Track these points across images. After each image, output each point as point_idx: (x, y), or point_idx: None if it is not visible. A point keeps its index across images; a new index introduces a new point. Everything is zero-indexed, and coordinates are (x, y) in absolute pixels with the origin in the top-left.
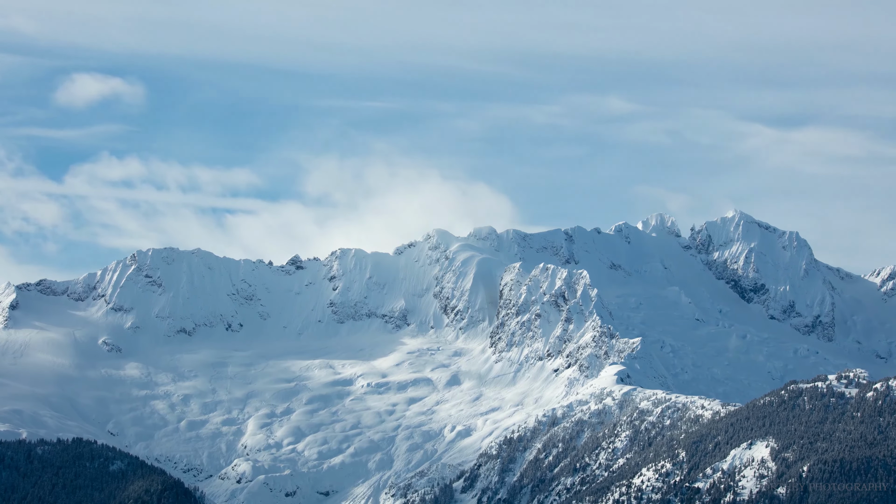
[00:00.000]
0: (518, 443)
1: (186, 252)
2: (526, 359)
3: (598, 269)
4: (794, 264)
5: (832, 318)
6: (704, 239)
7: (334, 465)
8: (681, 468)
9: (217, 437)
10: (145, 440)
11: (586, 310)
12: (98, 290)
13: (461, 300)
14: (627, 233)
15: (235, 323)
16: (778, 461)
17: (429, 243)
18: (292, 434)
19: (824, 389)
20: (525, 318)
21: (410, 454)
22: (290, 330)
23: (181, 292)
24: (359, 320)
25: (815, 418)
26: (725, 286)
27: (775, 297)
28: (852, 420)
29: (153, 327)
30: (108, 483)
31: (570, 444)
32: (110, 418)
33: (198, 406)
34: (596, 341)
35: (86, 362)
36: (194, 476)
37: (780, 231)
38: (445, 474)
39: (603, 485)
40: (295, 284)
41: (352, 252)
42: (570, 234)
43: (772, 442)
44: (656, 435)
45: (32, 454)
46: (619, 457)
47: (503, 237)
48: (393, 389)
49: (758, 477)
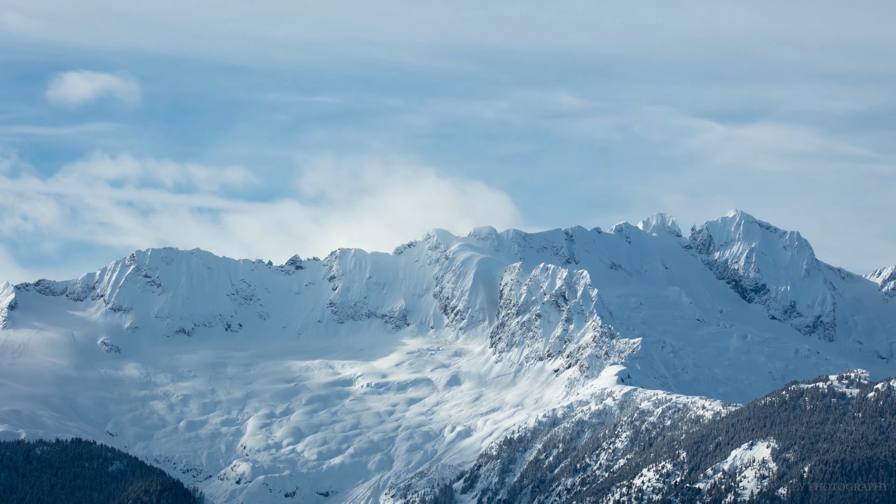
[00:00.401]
0: (518, 443)
1: (185, 252)
2: (526, 359)
3: (598, 269)
4: (794, 264)
5: (833, 318)
6: (705, 239)
7: (334, 466)
8: (681, 469)
9: (216, 437)
10: (144, 440)
11: (587, 310)
12: (97, 290)
13: (461, 300)
14: (628, 233)
15: (235, 323)
16: (779, 462)
17: (429, 243)
18: (292, 434)
19: (825, 390)
20: (525, 319)
21: (410, 455)
22: (290, 330)
23: (180, 292)
24: (358, 320)
25: (816, 419)
26: (726, 286)
27: (776, 298)
28: (853, 420)
29: (152, 327)
30: (107, 484)
31: (570, 445)
32: (109, 419)
33: (197, 406)
34: (596, 341)
35: (85, 363)
36: (193, 476)
37: (781, 231)
38: (445, 475)
39: (603, 485)
40: (294, 284)
41: (351, 252)
42: (571, 233)
43: (773, 442)
44: (657, 435)
45: (31, 455)
46: (620, 457)
47: (503, 237)
48: (393, 390)
49: (759, 477)
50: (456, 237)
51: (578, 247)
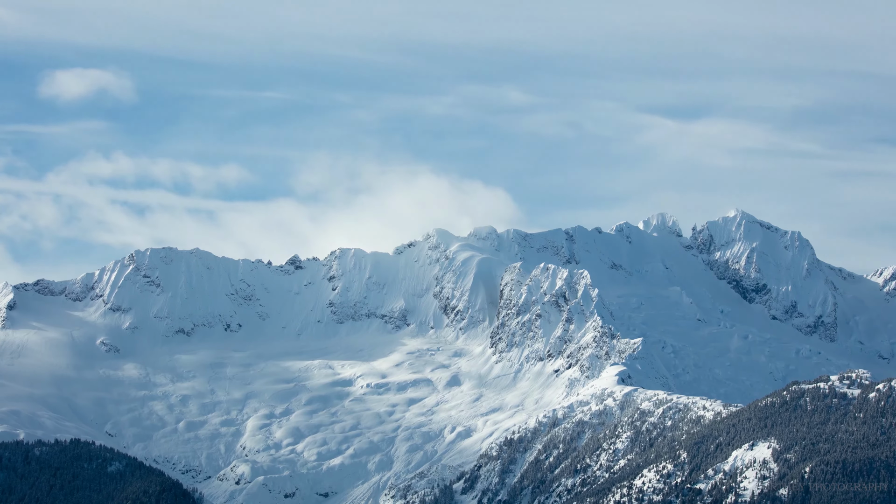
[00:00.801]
0: (518, 444)
1: (185, 252)
2: (526, 359)
3: (598, 268)
4: (795, 264)
5: (834, 318)
6: (706, 239)
7: (334, 467)
8: (682, 469)
9: (216, 437)
10: (143, 441)
11: (587, 310)
12: (96, 290)
13: (461, 300)
14: (628, 232)
15: (234, 323)
16: (780, 462)
17: (428, 243)
18: (291, 435)
19: (826, 390)
20: (525, 319)
21: (410, 455)
22: (290, 330)
23: (179, 292)
24: (358, 320)
25: (817, 419)
26: (727, 286)
27: (777, 298)
28: (854, 421)
29: (151, 328)
30: (107, 484)
31: (570, 446)
32: (108, 419)
33: (196, 407)
34: (597, 342)
35: (83, 363)
36: (193, 477)
37: (782, 231)
38: (445, 475)
39: (604, 486)
40: (294, 284)
41: (351, 252)
42: (571, 233)
43: (774, 443)
44: (657, 436)
45: (30, 455)
46: (620, 458)
47: (503, 237)
48: (393, 390)
49: (760, 478)
50: (456, 237)
51: (579, 247)
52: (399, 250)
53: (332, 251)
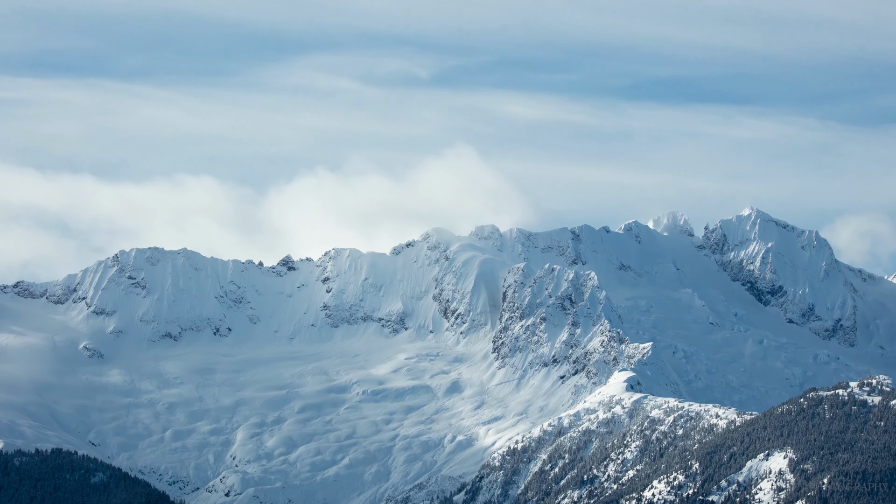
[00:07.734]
0: (522, 454)
1: (171, 252)
2: (530, 365)
3: (606, 270)
4: (813, 265)
5: (854, 321)
6: (719, 238)
7: (328, 477)
8: (694, 480)
9: (204, 447)
10: (128, 451)
11: (594, 313)
12: (78, 292)
13: (462, 303)
14: (637, 232)
15: (223, 327)
16: (797, 473)
17: (428, 243)
18: (284, 444)
19: (845, 397)
20: (529, 322)
21: (408, 466)
22: (282, 334)
23: (166, 294)
24: (354, 324)
25: (835, 427)
26: (741, 288)
27: (794, 300)
28: (875, 429)
29: (137, 331)
30: (90, 496)
31: (577, 455)
32: (91, 428)
33: (184, 415)
34: (604, 346)
35: (65, 368)
36: (180, 489)
37: (799, 230)
38: (445, 487)
39: (612, 498)
40: (286, 286)
41: (346, 252)
42: (577, 233)
43: (790, 453)
44: (668, 445)
45: (9, 466)
46: (629, 468)
47: (506, 236)
48: (390, 397)
49: (775, 489)
50: (456, 236)
51: (585, 247)
52: (397, 250)
53: (327, 251)
